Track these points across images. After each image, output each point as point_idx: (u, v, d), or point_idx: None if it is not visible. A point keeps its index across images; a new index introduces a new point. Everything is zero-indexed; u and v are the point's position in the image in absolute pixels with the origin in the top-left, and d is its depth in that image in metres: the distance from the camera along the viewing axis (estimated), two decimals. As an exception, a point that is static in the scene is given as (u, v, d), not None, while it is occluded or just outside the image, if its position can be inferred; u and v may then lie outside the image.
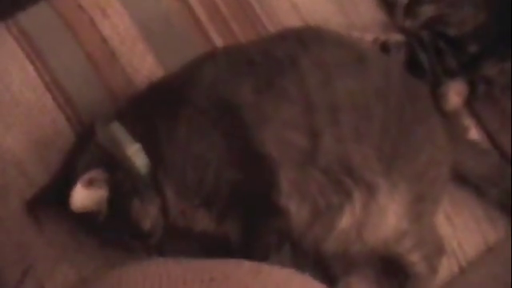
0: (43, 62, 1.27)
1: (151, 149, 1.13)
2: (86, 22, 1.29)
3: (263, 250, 1.14)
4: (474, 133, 1.37)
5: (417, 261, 1.24)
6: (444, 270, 1.30)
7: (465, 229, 1.33)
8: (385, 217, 1.18)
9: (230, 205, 1.14)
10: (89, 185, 1.10)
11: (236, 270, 0.97)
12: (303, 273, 1.02)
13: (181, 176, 1.13)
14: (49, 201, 1.17)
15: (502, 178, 1.32)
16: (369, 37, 1.35)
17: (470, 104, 1.37)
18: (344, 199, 1.16)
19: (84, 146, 1.15)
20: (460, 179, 1.31)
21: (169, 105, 1.15)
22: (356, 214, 1.17)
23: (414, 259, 1.24)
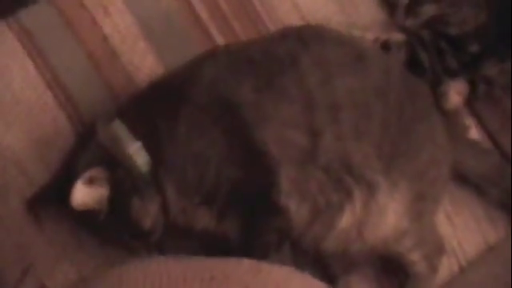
0: (44, 60, 1.26)
1: (152, 147, 1.13)
2: (88, 20, 1.29)
3: (263, 249, 1.14)
4: (475, 132, 1.37)
5: (417, 260, 1.24)
6: (444, 270, 1.29)
7: (465, 228, 1.33)
8: (385, 216, 1.18)
9: (230, 203, 1.14)
10: (89, 183, 1.10)
11: (236, 269, 0.97)
12: (303, 271, 1.02)
13: (181, 174, 1.13)
14: (49, 200, 1.17)
15: (502, 178, 1.32)
16: (370, 36, 1.35)
17: (471, 104, 1.37)
18: (344, 198, 1.16)
19: (85, 145, 1.15)
20: (460, 179, 1.31)
21: (169, 103, 1.15)
22: (356, 213, 1.17)
23: (414, 258, 1.24)
